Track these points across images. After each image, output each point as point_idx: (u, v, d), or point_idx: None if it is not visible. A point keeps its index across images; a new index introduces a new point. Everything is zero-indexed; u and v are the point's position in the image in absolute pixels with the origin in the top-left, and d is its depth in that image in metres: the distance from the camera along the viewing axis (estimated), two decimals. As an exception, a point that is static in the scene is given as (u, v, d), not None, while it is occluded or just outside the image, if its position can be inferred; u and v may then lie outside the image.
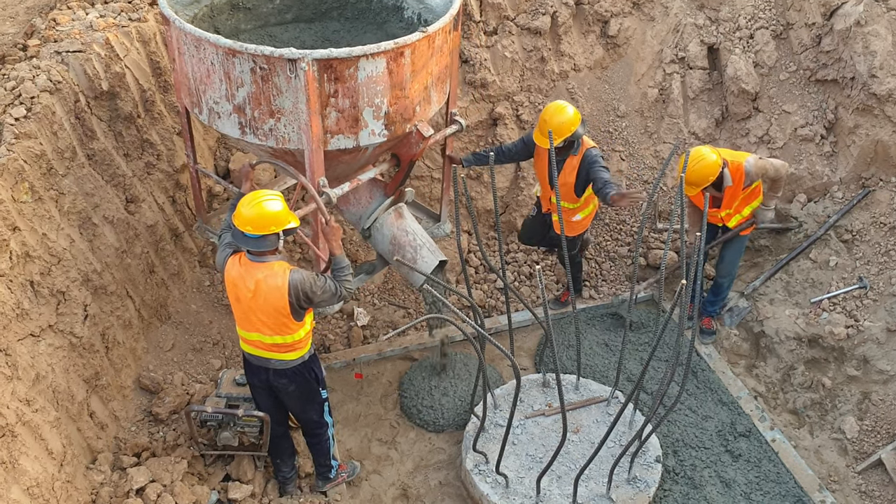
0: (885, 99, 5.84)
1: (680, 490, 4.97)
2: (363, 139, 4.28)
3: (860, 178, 6.13)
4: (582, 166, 5.30)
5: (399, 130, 4.40)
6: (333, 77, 3.96)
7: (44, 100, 4.54)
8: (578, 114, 5.20)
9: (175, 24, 4.18)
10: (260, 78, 3.99)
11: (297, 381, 4.29)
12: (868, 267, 5.76)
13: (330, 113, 4.09)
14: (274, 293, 3.89)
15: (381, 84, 4.12)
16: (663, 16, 6.92)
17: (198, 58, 4.17)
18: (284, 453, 4.72)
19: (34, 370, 4.13)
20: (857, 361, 5.43)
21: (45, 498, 3.84)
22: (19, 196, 4.29)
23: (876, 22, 5.92)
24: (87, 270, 4.72)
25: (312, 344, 4.31)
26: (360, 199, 5.03)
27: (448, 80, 4.83)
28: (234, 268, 3.99)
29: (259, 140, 4.25)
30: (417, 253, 4.90)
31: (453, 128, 5.06)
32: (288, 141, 4.20)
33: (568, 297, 6.35)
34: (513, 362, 3.98)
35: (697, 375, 5.80)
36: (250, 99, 4.10)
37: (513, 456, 4.93)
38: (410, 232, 4.99)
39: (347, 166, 4.62)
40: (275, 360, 4.17)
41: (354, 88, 4.04)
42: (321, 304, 4.06)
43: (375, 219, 4.96)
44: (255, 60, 3.94)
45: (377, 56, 4.00)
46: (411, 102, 4.35)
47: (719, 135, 6.84)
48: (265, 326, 4.02)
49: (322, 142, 4.16)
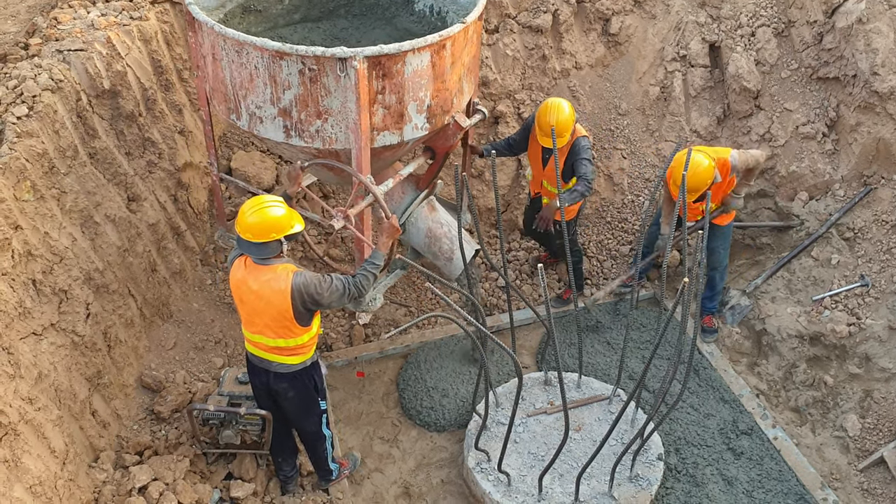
0: (887, 96, 5.83)
1: (682, 488, 4.97)
2: (407, 134, 4.30)
3: (862, 175, 6.12)
4: (570, 154, 5.41)
5: (439, 123, 4.46)
6: (381, 73, 3.97)
7: (45, 98, 4.54)
8: (573, 109, 5.35)
9: (213, 28, 4.08)
10: (308, 79, 3.96)
11: (297, 386, 4.26)
12: (870, 265, 5.75)
13: (377, 110, 4.10)
14: (277, 297, 3.86)
15: (424, 77, 4.15)
16: (665, 14, 6.92)
17: (238, 62, 4.08)
18: (286, 452, 4.72)
19: (36, 369, 4.13)
20: (859, 359, 5.43)
21: (47, 496, 3.84)
22: (21, 195, 4.29)
23: (878, 19, 5.91)
24: (88, 269, 4.72)
25: (317, 351, 4.29)
26: (394, 194, 5.05)
27: (476, 69, 4.86)
28: (239, 269, 3.97)
29: (305, 142, 4.21)
30: (454, 243, 5.00)
31: (477, 117, 5.04)
32: (335, 141, 4.18)
33: (570, 294, 6.35)
34: (514, 360, 3.98)
35: (699, 373, 5.80)
36: (297, 101, 4.05)
37: (515, 454, 4.93)
38: (445, 223, 5.11)
39: (384, 162, 4.67)
40: (276, 363, 4.15)
41: (401, 83, 4.06)
42: (330, 306, 4.01)
43: (410, 213, 5.01)
44: (304, 62, 3.90)
45: (423, 50, 4.03)
46: (450, 94, 4.40)
47: (721, 133, 6.84)
48: (268, 329, 4.00)
49: (369, 139, 4.17)
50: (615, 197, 6.88)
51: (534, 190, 5.99)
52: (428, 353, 5.86)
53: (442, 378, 5.66)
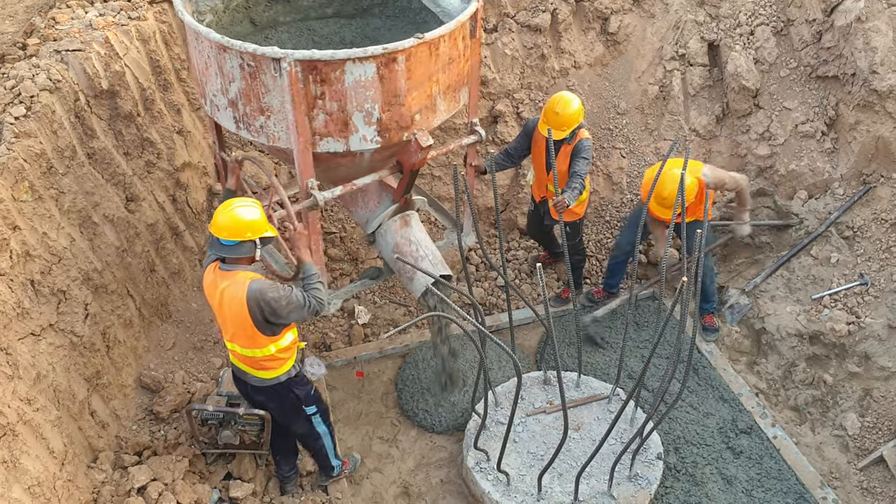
0: (886, 95, 5.82)
1: (681, 487, 4.96)
2: (354, 144, 4.18)
3: (861, 174, 6.12)
4: (573, 155, 5.41)
5: (395, 138, 4.25)
6: (319, 79, 3.89)
7: (43, 99, 4.53)
8: (583, 106, 5.30)
9: (179, 15, 4.23)
10: (248, 75, 3.98)
11: (275, 399, 4.20)
12: (869, 263, 5.75)
13: (318, 115, 4.02)
14: (234, 304, 3.78)
15: (371, 89, 3.99)
16: (663, 12, 6.91)
17: (198, 50, 4.20)
18: (285, 452, 4.72)
19: (35, 369, 4.13)
20: (859, 358, 5.43)
21: (46, 497, 3.84)
22: (19, 195, 4.28)
23: (876, 18, 5.91)
24: (87, 269, 4.71)
25: (295, 365, 4.18)
26: (369, 202, 4.93)
27: (464, 88, 4.62)
28: (208, 276, 3.92)
29: (252, 136, 4.25)
30: (418, 264, 4.68)
31: (471, 138, 4.86)
32: (278, 139, 4.17)
33: (569, 293, 6.35)
34: (514, 360, 3.97)
35: (699, 372, 5.79)
36: (241, 95, 4.09)
37: (514, 454, 4.93)
38: (414, 242, 4.78)
39: (347, 170, 4.54)
40: (251, 375, 4.10)
41: (342, 92, 3.96)
42: (290, 318, 3.86)
43: (380, 224, 4.85)
44: (242, 57, 3.92)
45: (365, 60, 3.89)
46: (409, 110, 4.20)
47: (720, 131, 6.84)
48: (237, 338, 3.94)
49: (310, 143, 4.11)
50: (614, 196, 6.88)
51: (538, 194, 5.94)
52: (426, 352, 5.86)
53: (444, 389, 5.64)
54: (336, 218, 6.49)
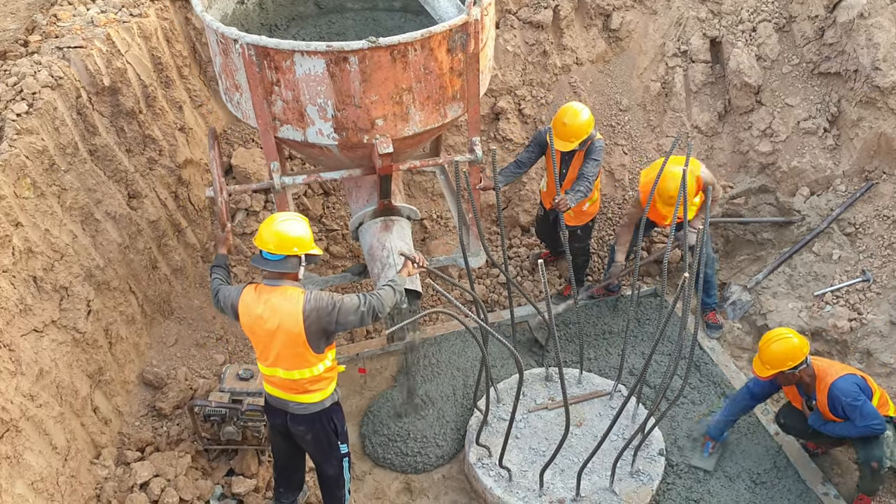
0: (889, 91, 5.82)
1: (683, 483, 4.97)
2: (311, 136, 4.21)
3: (863, 170, 6.11)
4: (585, 157, 5.40)
5: (354, 138, 4.19)
6: (273, 66, 3.99)
7: (45, 95, 4.54)
8: (592, 116, 5.28)
9: None
10: (222, 51, 4.24)
11: (315, 429, 4.04)
12: (871, 260, 5.74)
13: (276, 100, 4.13)
14: (289, 319, 3.67)
15: (322, 84, 3.99)
16: (665, 9, 6.90)
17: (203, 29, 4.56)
18: (289, 485, 4.50)
19: (38, 365, 4.14)
20: (861, 354, 5.42)
21: (49, 493, 3.86)
22: (21, 192, 4.29)
23: (879, 14, 5.90)
24: (89, 266, 4.72)
25: (336, 391, 4.07)
26: (359, 199, 4.88)
27: (455, 104, 4.38)
28: (249, 294, 3.79)
29: (233, 110, 4.54)
30: (383, 272, 4.45)
31: (465, 156, 4.68)
32: (248, 117, 4.37)
33: (570, 290, 6.34)
34: (515, 356, 3.98)
35: (700, 369, 5.79)
36: (223, 69, 4.40)
37: (516, 449, 4.94)
38: (387, 248, 4.56)
39: (328, 161, 4.66)
40: (293, 402, 3.94)
41: (294, 82, 4.02)
42: (347, 321, 3.74)
43: (361, 223, 4.78)
44: (215, 34, 4.20)
45: (313, 55, 3.90)
46: (367, 113, 4.10)
47: (722, 128, 6.83)
48: (282, 360, 3.80)
49: (271, 126, 4.24)
50: (616, 193, 6.87)
51: (547, 202, 5.85)
52: (427, 349, 5.85)
53: (440, 384, 5.63)
54: (338, 215, 6.49)
